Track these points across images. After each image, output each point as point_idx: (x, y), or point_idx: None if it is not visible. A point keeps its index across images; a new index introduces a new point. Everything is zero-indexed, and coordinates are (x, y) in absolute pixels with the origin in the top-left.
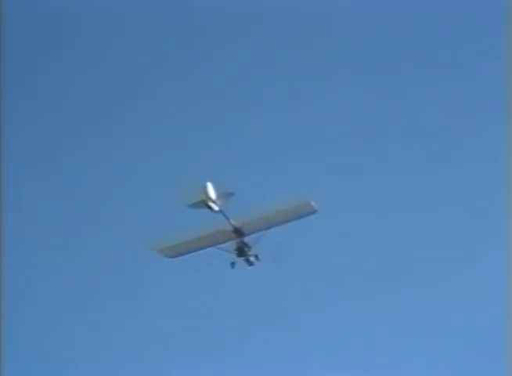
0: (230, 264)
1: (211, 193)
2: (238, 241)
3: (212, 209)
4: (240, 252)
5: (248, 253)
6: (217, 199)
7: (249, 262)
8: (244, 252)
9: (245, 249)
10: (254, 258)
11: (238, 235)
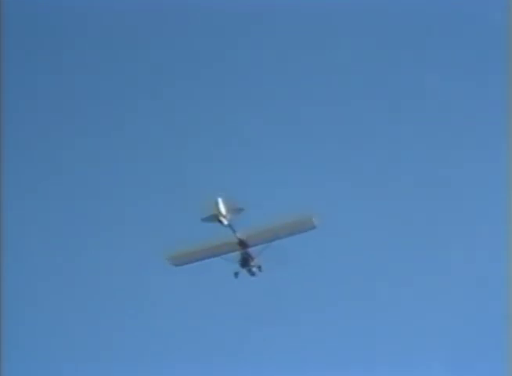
0: (234, 274)
1: (222, 209)
2: (242, 252)
3: (222, 223)
4: (244, 263)
5: (251, 264)
6: (227, 214)
7: (251, 273)
8: (248, 263)
9: (249, 260)
10: (257, 269)
11: (242, 247)
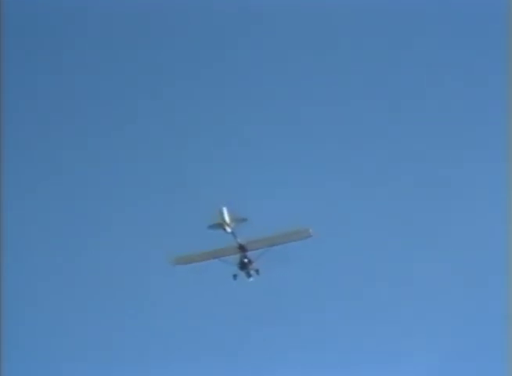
0: (232, 276)
1: (227, 218)
2: (241, 256)
3: (226, 231)
4: (242, 266)
5: (250, 267)
6: (231, 222)
7: (248, 275)
8: (246, 266)
9: (247, 263)
10: (255, 272)
11: (241, 250)
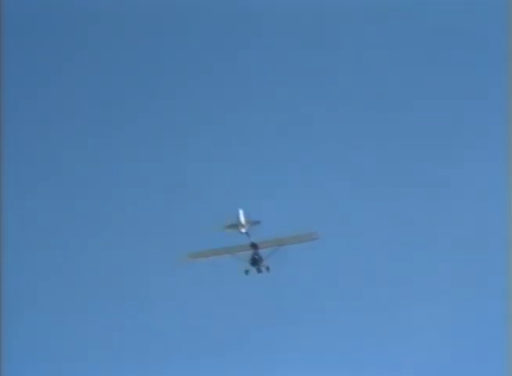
0: (245, 271)
1: (242, 220)
2: (253, 253)
3: (240, 231)
4: (254, 262)
5: (261, 264)
6: (245, 224)
7: (258, 270)
8: (257, 263)
9: (258, 260)
10: (265, 269)
11: (253, 248)
